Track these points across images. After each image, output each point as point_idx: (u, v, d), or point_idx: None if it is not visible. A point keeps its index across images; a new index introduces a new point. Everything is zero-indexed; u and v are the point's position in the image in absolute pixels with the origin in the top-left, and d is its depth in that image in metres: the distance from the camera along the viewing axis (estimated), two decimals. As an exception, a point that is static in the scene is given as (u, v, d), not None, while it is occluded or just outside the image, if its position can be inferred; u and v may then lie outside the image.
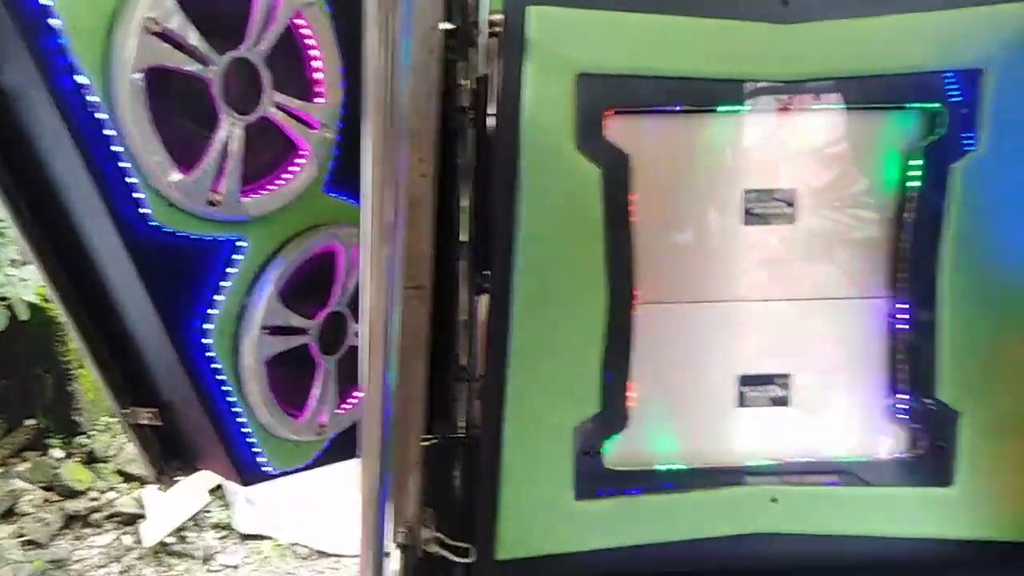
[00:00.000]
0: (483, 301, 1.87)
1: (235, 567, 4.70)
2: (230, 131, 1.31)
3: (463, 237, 2.00)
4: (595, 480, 1.88)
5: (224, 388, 1.40)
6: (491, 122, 1.80)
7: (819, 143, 1.92)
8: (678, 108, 1.88)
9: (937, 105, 1.84)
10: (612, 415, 1.88)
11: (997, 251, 1.83)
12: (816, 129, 1.91)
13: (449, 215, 1.96)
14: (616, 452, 1.93)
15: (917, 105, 1.87)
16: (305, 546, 4.78)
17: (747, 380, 1.96)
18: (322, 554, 4.72)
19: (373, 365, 1.12)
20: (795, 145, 1.91)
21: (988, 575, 1.80)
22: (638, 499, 1.87)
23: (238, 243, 1.38)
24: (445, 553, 1.45)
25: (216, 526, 5.01)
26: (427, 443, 2.00)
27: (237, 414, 1.41)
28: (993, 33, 1.77)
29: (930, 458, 1.94)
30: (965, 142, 1.82)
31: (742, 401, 1.96)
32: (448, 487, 1.94)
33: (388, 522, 1.22)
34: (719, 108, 1.89)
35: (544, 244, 1.78)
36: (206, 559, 4.77)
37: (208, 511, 5.07)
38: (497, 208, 1.76)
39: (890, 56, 1.81)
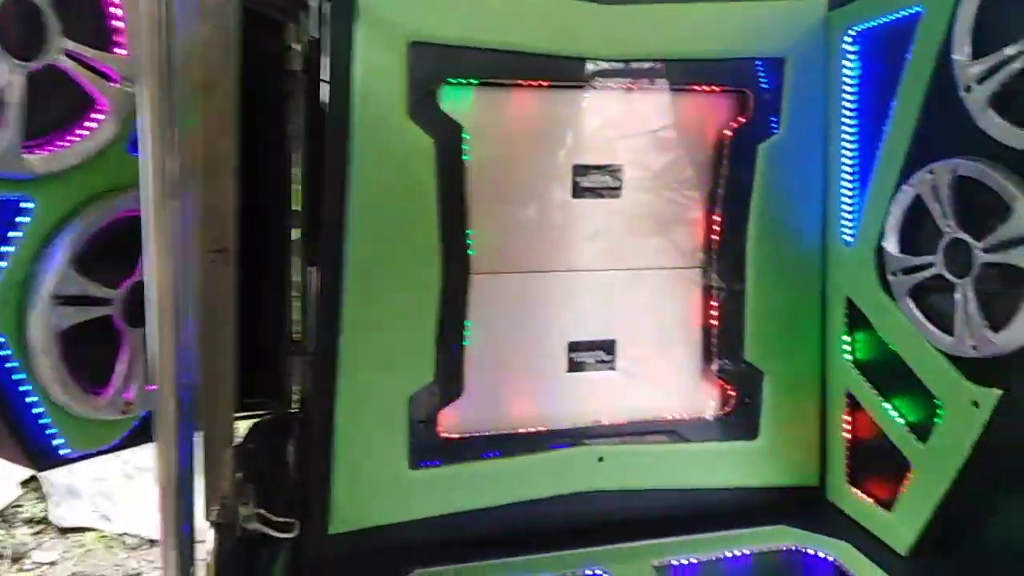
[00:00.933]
0: (316, 273, 1.82)
1: (52, 563, 4.32)
2: (9, 79, 1.18)
3: (295, 206, 1.93)
4: (429, 449, 1.89)
5: (8, 364, 1.26)
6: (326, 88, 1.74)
7: (644, 122, 2.01)
8: (509, 81, 1.90)
9: (746, 90, 1.98)
10: (447, 384, 1.90)
11: (792, 225, 2.00)
12: (642, 108, 2.00)
13: (281, 182, 1.88)
14: (450, 420, 1.95)
15: (730, 89, 2.00)
16: (136, 535, 4.48)
17: (576, 346, 2.03)
18: (153, 542, 4.45)
19: (162, 335, 1.04)
20: (622, 123, 1.99)
21: (787, 517, 1.99)
22: (470, 465, 1.90)
23: (22, 204, 1.24)
24: (266, 529, 1.41)
25: (30, 521, 4.57)
26: (260, 418, 1.93)
27: (25, 392, 1.27)
28: (793, 25, 1.93)
29: (740, 415, 2.11)
30: (770, 125, 1.97)
31: (572, 366, 2.04)
32: (282, 463, 1.88)
33: (198, 500, 1.16)
34: (549, 83, 1.93)
35: (376, 214, 1.75)
36: (16, 558, 4.35)
37: (19, 505, 4.62)
38: (328, 176, 1.71)
39: (705, 42, 1.93)
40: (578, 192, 1.97)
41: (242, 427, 1.85)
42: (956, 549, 1.73)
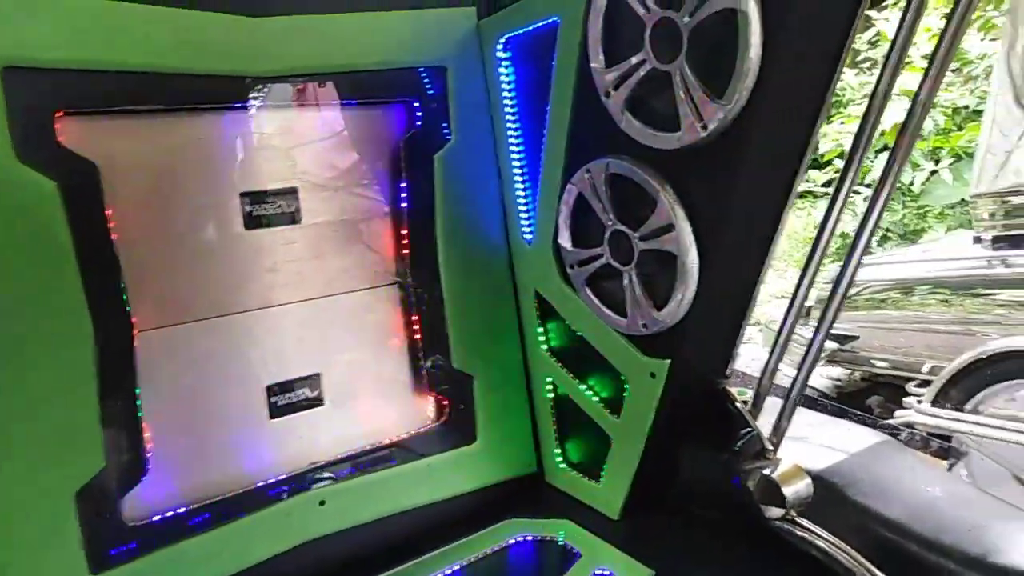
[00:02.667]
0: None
1: None
2: None
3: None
4: (116, 543, 1.61)
5: None
6: None
7: (315, 139, 1.90)
8: (151, 107, 1.65)
9: (414, 100, 1.96)
10: (124, 466, 1.63)
11: (477, 229, 2.05)
12: (313, 126, 1.88)
13: None
14: (139, 502, 1.68)
15: (399, 99, 1.97)
16: None
17: (276, 389, 1.87)
18: None
19: None
20: (292, 143, 1.86)
21: (513, 509, 2.06)
22: (173, 548, 1.66)
23: None
24: None
25: None
26: None
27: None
28: (450, 33, 1.94)
29: (456, 422, 2.12)
30: (442, 133, 1.98)
31: (274, 412, 1.87)
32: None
33: None
34: (202, 106, 1.72)
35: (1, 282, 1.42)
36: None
37: None
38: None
39: (368, 53, 1.86)
40: (250, 222, 1.80)
41: None
42: (658, 503, 1.93)
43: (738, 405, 1.71)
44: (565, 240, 1.85)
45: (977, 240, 4.52)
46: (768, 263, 1.61)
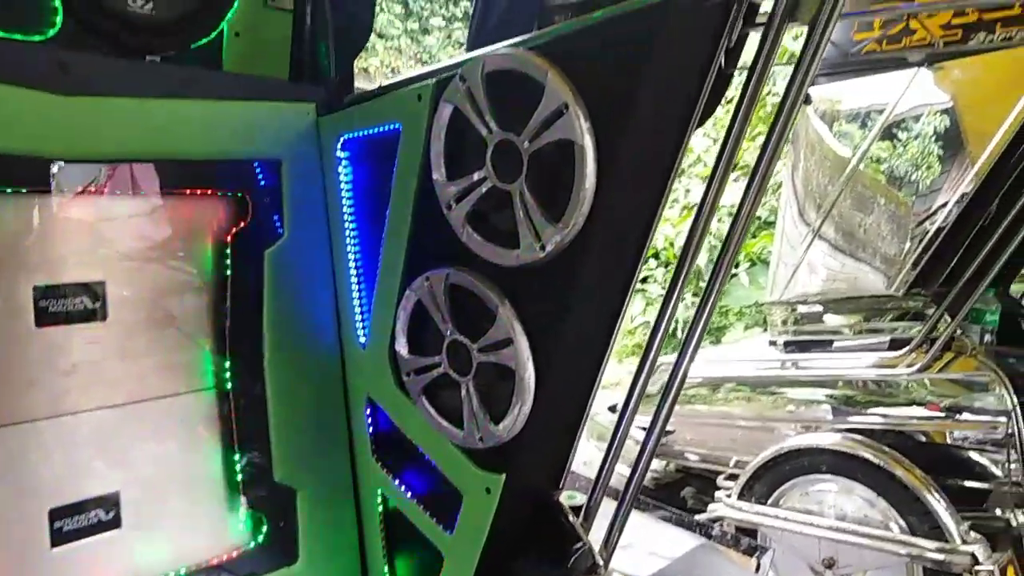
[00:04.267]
0: None
1: None
2: None
3: None
4: None
5: None
6: None
7: (131, 229, 1.74)
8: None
9: (244, 193, 1.87)
10: None
11: (308, 330, 1.95)
12: (127, 214, 1.73)
13: None
14: None
15: (229, 192, 1.86)
16: None
17: (62, 512, 1.62)
18: None
19: None
20: (104, 233, 1.69)
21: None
22: None
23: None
24: None
25: None
26: None
27: None
28: (287, 128, 1.89)
29: (277, 540, 1.94)
30: (274, 229, 1.89)
31: (57, 539, 1.62)
32: None
33: None
34: (-6, 187, 1.53)
35: None
36: None
37: None
38: None
39: (198, 142, 1.76)
40: (43, 319, 1.59)
41: None
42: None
43: (570, 519, 1.71)
44: (402, 347, 1.81)
45: (772, 343, 5.00)
46: (601, 377, 1.66)
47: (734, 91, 1.49)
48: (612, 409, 5.74)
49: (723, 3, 1.33)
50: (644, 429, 1.62)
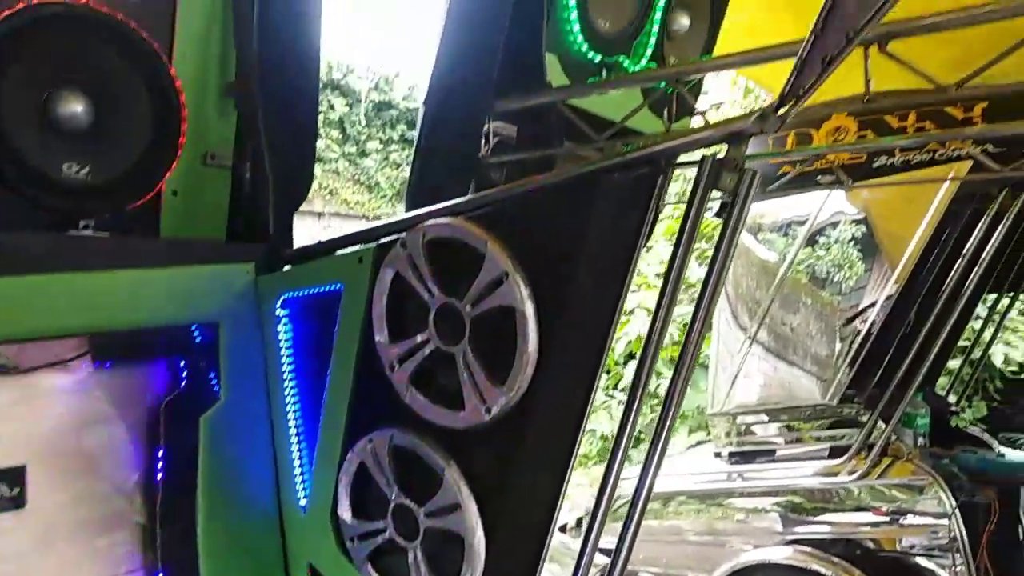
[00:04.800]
0: None
1: None
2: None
3: None
4: None
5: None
6: None
7: (56, 407, 1.66)
8: None
9: (179, 358, 1.82)
10: None
11: (246, 495, 1.87)
12: (52, 392, 1.65)
13: None
14: None
15: (162, 358, 1.81)
16: None
17: None
18: None
19: None
20: (25, 413, 1.60)
21: None
22: None
23: None
24: None
25: None
26: None
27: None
28: (225, 289, 1.87)
29: None
30: (210, 393, 1.83)
31: None
32: None
33: None
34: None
35: None
36: None
37: None
38: None
39: (132, 311, 1.72)
40: (-43, 511, 1.48)
41: None
42: None
43: None
44: (345, 511, 1.74)
45: (717, 455, 5.02)
46: (552, 533, 1.62)
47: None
48: (562, 529, 5.61)
49: (651, 172, 1.41)
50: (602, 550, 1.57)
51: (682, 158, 1.41)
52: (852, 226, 4.80)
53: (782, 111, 1.25)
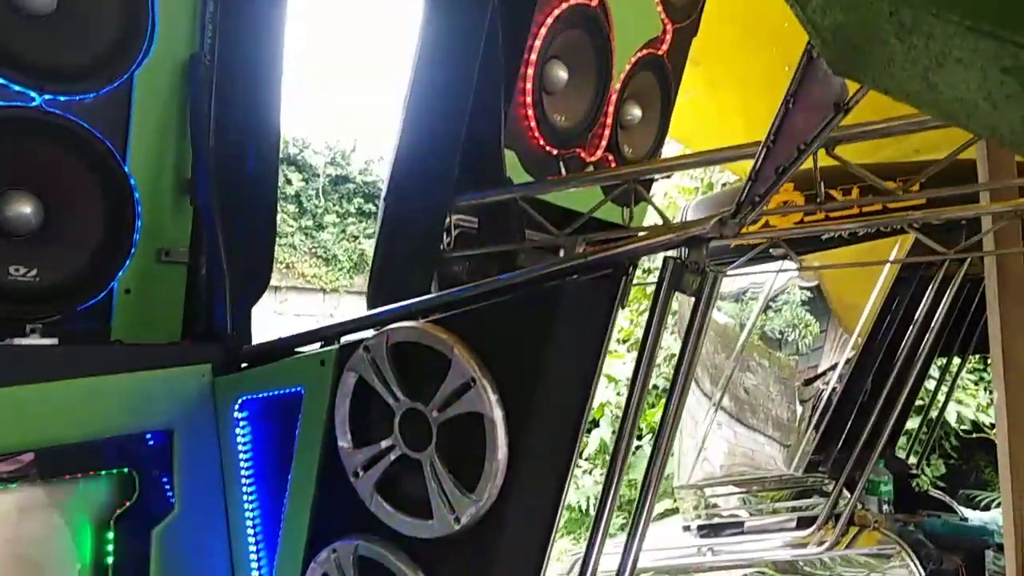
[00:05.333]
0: None
1: None
2: None
3: None
4: None
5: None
6: None
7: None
8: None
9: (131, 468, 1.73)
10: None
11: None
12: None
13: None
14: None
15: (112, 470, 1.73)
16: None
17: None
18: None
19: None
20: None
21: None
22: None
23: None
24: None
25: None
26: None
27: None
28: (180, 394, 1.81)
29: None
30: (163, 503, 1.75)
31: None
32: None
33: None
34: None
35: None
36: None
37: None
38: None
39: (80, 424, 1.64)
40: None
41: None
42: None
43: None
44: (309, 625, 1.65)
45: (686, 528, 4.96)
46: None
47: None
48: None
49: (614, 274, 1.42)
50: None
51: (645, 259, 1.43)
52: (800, 291, 4.92)
53: (739, 217, 1.28)
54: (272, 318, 11.26)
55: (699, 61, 2.59)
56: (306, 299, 11.74)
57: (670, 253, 1.43)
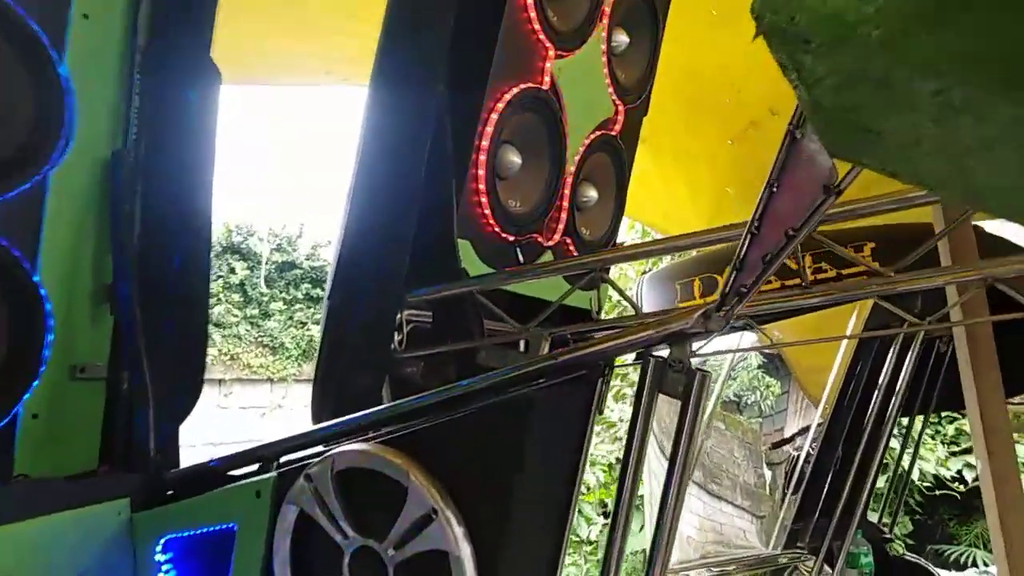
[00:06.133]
0: None
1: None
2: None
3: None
4: None
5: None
6: None
7: None
8: None
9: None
10: None
11: None
12: None
13: None
14: None
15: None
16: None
17: None
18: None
19: None
20: None
21: None
22: None
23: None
24: None
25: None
26: None
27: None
28: (95, 535, 1.57)
29: None
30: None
31: None
32: None
33: None
34: None
35: None
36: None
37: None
38: None
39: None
40: None
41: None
42: None
43: None
44: None
45: (665, 618, 4.70)
46: None
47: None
48: None
49: (588, 376, 1.27)
50: None
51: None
52: (757, 356, 4.87)
53: (724, 310, 1.15)
54: (216, 413, 10.71)
55: (645, 137, 2.54)
56: (252, 391, 11.24)
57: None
